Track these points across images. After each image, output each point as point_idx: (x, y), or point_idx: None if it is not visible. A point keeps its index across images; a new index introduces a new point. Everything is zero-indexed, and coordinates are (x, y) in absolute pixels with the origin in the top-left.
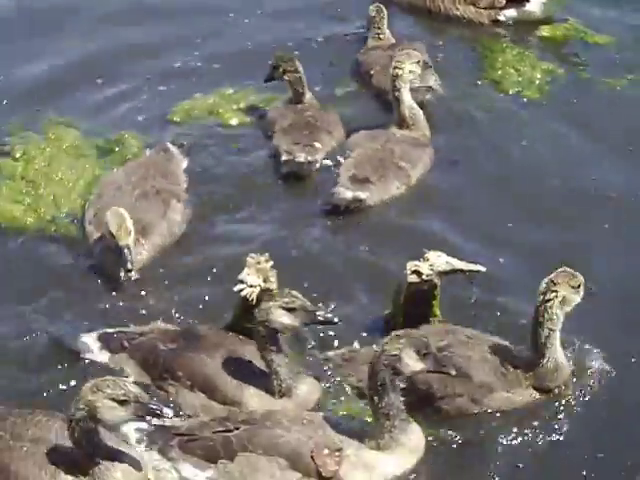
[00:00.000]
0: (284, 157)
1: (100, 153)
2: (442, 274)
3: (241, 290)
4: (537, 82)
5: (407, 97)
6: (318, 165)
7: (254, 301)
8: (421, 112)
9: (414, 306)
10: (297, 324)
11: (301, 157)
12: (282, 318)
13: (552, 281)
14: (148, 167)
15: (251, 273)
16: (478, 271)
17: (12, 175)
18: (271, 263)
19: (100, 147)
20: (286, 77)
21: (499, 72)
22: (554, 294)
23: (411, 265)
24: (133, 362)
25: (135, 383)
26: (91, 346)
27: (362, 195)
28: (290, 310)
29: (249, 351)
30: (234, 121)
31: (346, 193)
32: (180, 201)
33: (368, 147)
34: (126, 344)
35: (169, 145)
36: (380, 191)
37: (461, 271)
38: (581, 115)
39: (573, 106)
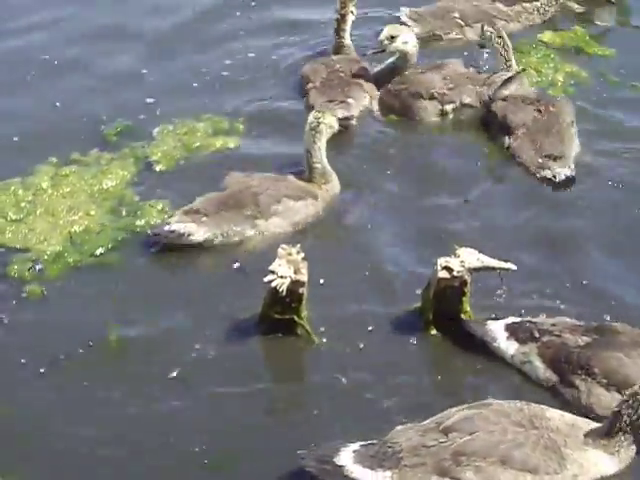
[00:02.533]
0: None
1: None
2: (473, 270)
3: (271, 281)
4: (559, 84)
5: None
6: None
7: (284, 292)
8: None
9: (444, 302)
10: None
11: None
12: None
13: None
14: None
15: (282, 264)
16: (509, 269)
17: (32, 186)
18: (302, 255)
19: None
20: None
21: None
22: None
23: (442, 261)
24: (541, 357)
25: None
26: (498, 334)
27: None
28: None
29: None
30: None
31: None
32: None
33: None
34: (537, 334)
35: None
36: None
37: (492, 268)
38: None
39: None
